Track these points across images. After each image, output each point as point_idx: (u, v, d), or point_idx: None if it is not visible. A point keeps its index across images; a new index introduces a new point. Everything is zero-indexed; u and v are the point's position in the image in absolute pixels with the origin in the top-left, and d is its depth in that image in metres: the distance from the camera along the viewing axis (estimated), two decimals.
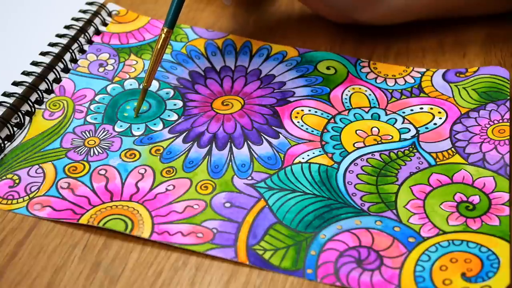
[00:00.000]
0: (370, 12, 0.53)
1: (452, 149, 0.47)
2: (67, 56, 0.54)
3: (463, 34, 0.57)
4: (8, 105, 0.49)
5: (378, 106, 0.50)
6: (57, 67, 0.53)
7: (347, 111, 0.50)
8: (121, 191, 0.45)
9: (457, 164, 0.46)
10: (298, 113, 0.50)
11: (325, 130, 0.49)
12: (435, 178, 0.45)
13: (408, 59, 0.55)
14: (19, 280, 0.40)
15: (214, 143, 0.48)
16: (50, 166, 0.46)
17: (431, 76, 0.53)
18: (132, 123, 0.49)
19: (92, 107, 0.51)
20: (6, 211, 0.44)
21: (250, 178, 0.45)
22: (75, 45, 0.55)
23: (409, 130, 0.48)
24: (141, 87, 0.52)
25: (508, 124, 0.48)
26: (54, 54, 0.53)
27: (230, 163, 0.46)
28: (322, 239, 0.41)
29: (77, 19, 0.57)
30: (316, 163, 0.46)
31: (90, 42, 0.56)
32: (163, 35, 0.50)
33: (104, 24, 0.58)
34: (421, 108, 0.50)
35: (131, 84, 0.52)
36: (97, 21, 0.58)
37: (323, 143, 0.48)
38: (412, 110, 0.50)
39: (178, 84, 0.53)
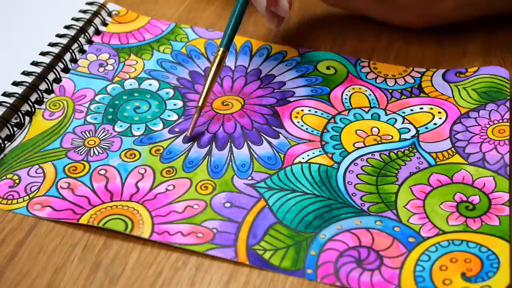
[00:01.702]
0: (450, 2, 0.53)
1: (452, 149, 0.47)
2: (67, 56, 0.54)
3: (463, 34, 0.57)
4: (8, 105, 0.49)
5: (378, 106, 0.50)
6: (57, 67, 0.53)
7: (347, 111, 0.50)
8: (121, 191, 0.45)
9: (457, 164, 0.46)
10: (298, 113, 0.50)
11: (325, 130, 0.49)
12: (435, 178, 0.45)
13: (408, 59, 0.55)
14: (19, 280, 0.40)
15: (214, 143, 0.48)
16: (50, 166, 0.46)
17: (431, 76, 0.53)
18: (132, 123, 0.49)
19: (92, 107, 0.51)
20: (6, 211, 0.44)
21: (250, 178, 0.45)
22: (75, 45, 0.55)
23: (409, 130, 0.48)
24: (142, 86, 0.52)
25: (508, 124, 0.48)
26: (54, 54, 0.53)
27: (230, 163, 0.46)
28: (322, 239, 0.42)
29: (77, 19, 0.57)
30: (316, 163, 0.46)
31: (90, 42, 0.56)
32: (218, 56, 0.49)
33: (104, 24, 0.58)
34: (421, 108, 0.50)
35: (131, 84, 0.52)
36: (97, 21, 0.58)
37: (323, 143, 0.48)
38: (412, 110, 0.50)
39: (178, 84, 0.53)
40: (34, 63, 0.52)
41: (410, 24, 0.56)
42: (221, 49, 0.49)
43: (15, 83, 0.51)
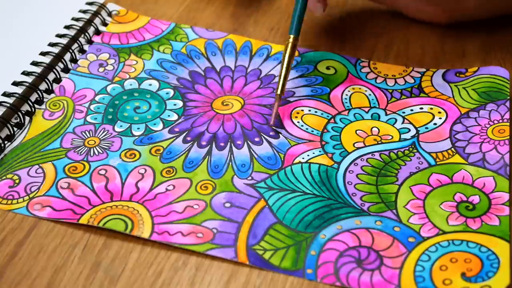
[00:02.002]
0: None
1: (452, 149, 0.47)
2: (67, 56, 0.54)
3: (463, 34, 0.57)
4: (8, 105, 0.49)
5: (378, 106, 0.50)
6: (57, 67, 0.53)
7: (347, 111, 0.50)
8: (121, 191, 0.45)
9: (457, 164, 0.46)
10: (298, 113, 0.50)
11: (325, 130, 0.49)
12: (435, 178, 0.45)
13: (408, 59, 0.55)
14: (19, 280, 0.40)
15: (214, 143, 0.48)
16: (50, 166, 0.46)
17: (431, 76, 0.53)
18: (132, 123, 0.49)
19: (92, 107, 0.51)
20: (6, 211, 0.44)
21: (250, 178, 0.45)
22: (75, 45, 0.55)
23: (409, 130, 0.48)
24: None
25: (508, 124, 0.48)
26: (54, 54, 0.53)
27: (230, 163, 0.46)
28: (322, 239, 0.42)
29: (77, 19, 0.57)
30: (316, 163, 0.46)
31: (90, 42, 0.56)
32: (290, 43, 0.50)
33: (104, 24, 0.58)
34: (421, 108, 0.50)
35: (131, 84, 0.52)
36: (97, 21, 0.58)
37: (323, 143, 0.48)
38: (412, 110, 0.50)
39: (178, 84, 0.53)
40: (34, 63, 0.52)
41: (434, 19, 0.57)
42: (292, 36, 0.50)
43: (15, 83, 0.51)
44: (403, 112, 0.50)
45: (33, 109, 0.50)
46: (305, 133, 0.48)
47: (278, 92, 0.49)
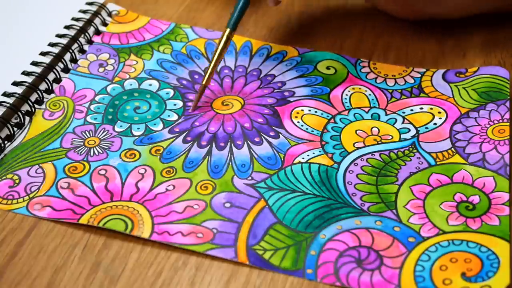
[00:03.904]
0: (444, 4, 0.54)
1: (452, 149, 0.47)
2: (67, 56, 0.54)
3: (463, 34, 0.57)
4: (8, 105, 0.49)
5: (378, 106, 0.50)
6: (57, 67, 0.53)
7: (347, 111, 0.50)
8: (121, 191, 0.45)
9: (457, 164, 0.46)
10: (298, 113, 0.50)
11: (325, 130, 0.49)
12: (435, 178, 0.45)
13: (408, 59, 0.55)
14: (19, 280, 0.40)
15: (214, 143, 0.48)
16: (50, 166, 0.46)
17: (431, 76, 0.53)
18: (132, 123, 0.49)
19: (92, 107, 0.51)
20: (6, 211, 0.44)
21: (250, 178, 0.45)
22: (75, 45, 0.55)
23: (409, 130, 0.48)
24: (135, 86, 0.52)
25: (508, 124, 0.48)
26: (54, 54, 0.53)
27: (230, 163, 0.46)
28: (322, 239, 0.42)
29: (77, 19, 0.57)
30: (316, 163, 0.46)
31: (90, 42, 0.56)
32: (224, 37, 0.51)
33: (104, 24, 0.58)
34: (421, 108, 0.50)
35: (131, 84, 0.52)
36: (97, 21, 0.58)
37: (323, 143, 0.48)
38: (412, 110, 0.50)
39: (178, 84, 0.53)
40: (34, 63, 0.52)
41: (395, 14, 0.56)
42: (228, 29, 0.51)
43: (15, 83, 0.51)
44: (403, 112, 0.50)
45: (33, 109, 0.50)
46: (305, 133, 0.48)
47: (204, 82, 0.50)
